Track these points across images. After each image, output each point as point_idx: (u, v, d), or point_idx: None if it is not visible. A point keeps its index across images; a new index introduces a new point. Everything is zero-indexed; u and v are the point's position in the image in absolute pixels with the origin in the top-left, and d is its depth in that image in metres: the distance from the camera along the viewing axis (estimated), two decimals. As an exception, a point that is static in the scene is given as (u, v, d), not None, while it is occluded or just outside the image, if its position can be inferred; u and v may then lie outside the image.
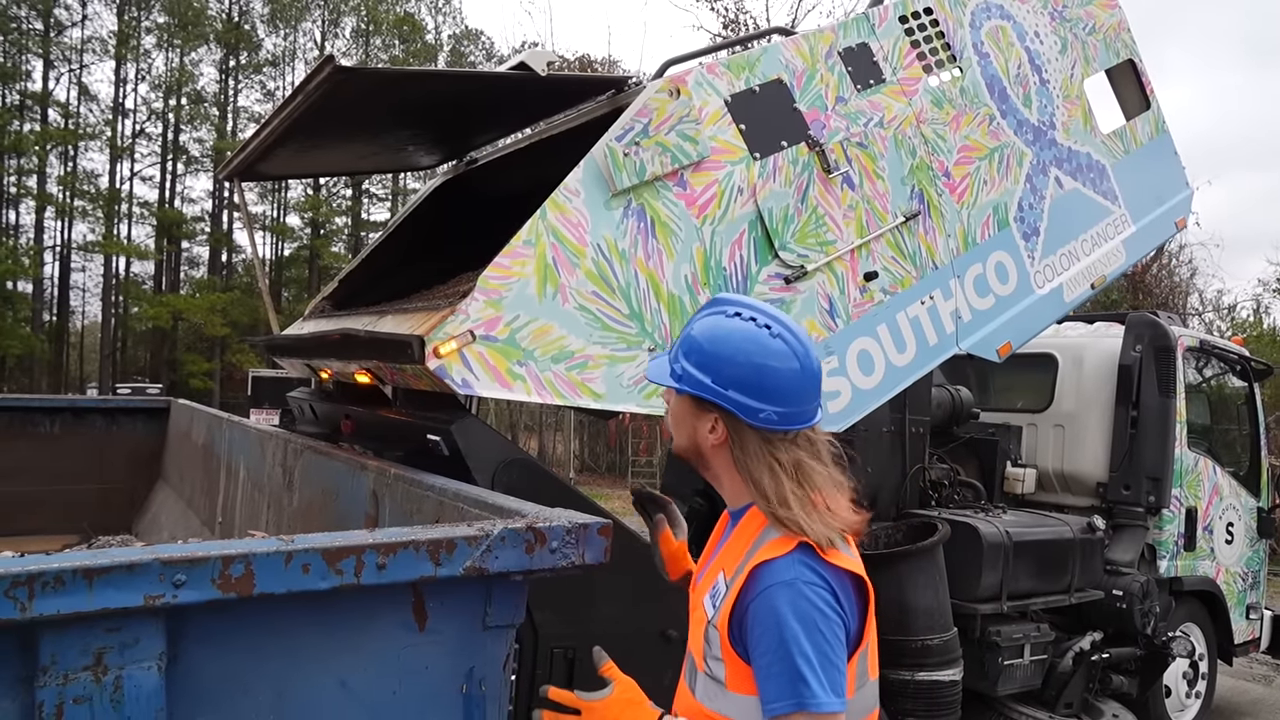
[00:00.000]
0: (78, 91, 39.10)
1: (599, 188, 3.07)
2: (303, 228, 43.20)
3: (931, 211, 4.06)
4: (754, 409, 1.64)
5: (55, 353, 39.07)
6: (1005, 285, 4.36)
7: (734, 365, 1.65)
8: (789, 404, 1.65)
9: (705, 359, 1.68)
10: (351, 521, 2.98)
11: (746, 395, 1.64)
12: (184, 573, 1.46)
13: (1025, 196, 4.47)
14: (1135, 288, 18.38)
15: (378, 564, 1.62)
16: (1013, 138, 4.43)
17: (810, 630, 1.51)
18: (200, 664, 1.56)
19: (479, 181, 4.61)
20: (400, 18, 43.64)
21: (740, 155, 3.43)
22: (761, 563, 1.58)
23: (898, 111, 3.96)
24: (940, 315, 4.07)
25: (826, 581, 1.56)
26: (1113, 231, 4.91)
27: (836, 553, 1.59)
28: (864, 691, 1.68)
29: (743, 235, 3.44)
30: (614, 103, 3.50)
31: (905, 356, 3.94)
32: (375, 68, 3.46)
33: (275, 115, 3.39)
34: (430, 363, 2.66)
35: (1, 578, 1.34)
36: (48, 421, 6.40)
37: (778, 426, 1.65)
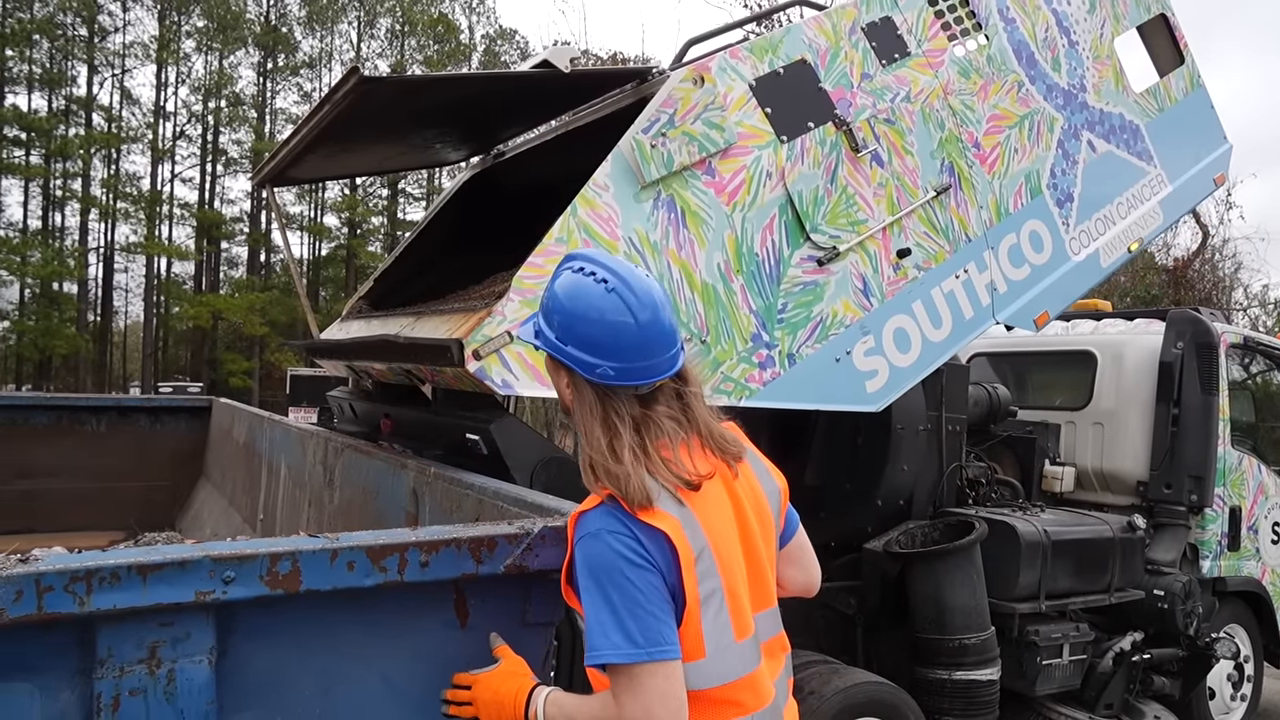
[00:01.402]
0: (120, 96, 39.89)
1: (628, 181, 3.08)
2: (340, 227, 43.71)
3: (962, 184, 4.02)
4: (590, 364, 1.66)
5: (99, 352, 39.87)
6: (1040, 254, 4.31)
7: (572, 321, 1.67)
8: (625, 359, 1.65)
9: (551, 316, 1.72)
10: (392, 520, 3.03)
11: (583, 351, 1.66)
12: (233, 569, 1.50)
13: (1057, 163, 4.41)
14: (1177, 283, 18.05)
15: (421, 562, 1.65)
16: (1042, 103, 4.37)
17: (615, 578, 1.53)
18: (248, 659, 1.59)
19: (506, 174, 4.63)
20: (435, 18, 43.97)
21: (767, 139, 3.41)
22: (577, 514, 1.64)
23: (924, 84, 3.92)
24: (975, 288, 4.04)
25: (631, 532, 1.56)
26: (1149, 193, 4.82)
27: (652, 510, 1.58)
28: (726, 654, 1.64)
29: (773, 219, 3.42)
30: (638, 93, 3.49)
31: (942, 332, 3.91)
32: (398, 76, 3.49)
33: (304, 124, 3.44)
34: (470, 365, 2.69)
35: (60, 573, 1.38)
36: (94, 420, 6.53)
37: (614, 382, 1.66)
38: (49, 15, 36.73)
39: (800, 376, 3.46)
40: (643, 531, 1.57)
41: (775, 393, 3.40)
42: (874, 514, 4.41)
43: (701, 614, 1.60)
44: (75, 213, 39.11)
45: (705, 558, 1.61)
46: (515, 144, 4.50)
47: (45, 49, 37.33)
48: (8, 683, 1.44)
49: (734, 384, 3.29)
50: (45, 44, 37.19)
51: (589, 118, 3.86)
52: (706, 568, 1.61)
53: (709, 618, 1.61)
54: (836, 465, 4.54)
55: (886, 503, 4.41)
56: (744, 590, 1.69)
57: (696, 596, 1.60)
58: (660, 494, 1.60)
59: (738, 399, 3.29)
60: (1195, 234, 18.75)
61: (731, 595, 1.65)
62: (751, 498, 1.78)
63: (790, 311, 3.46)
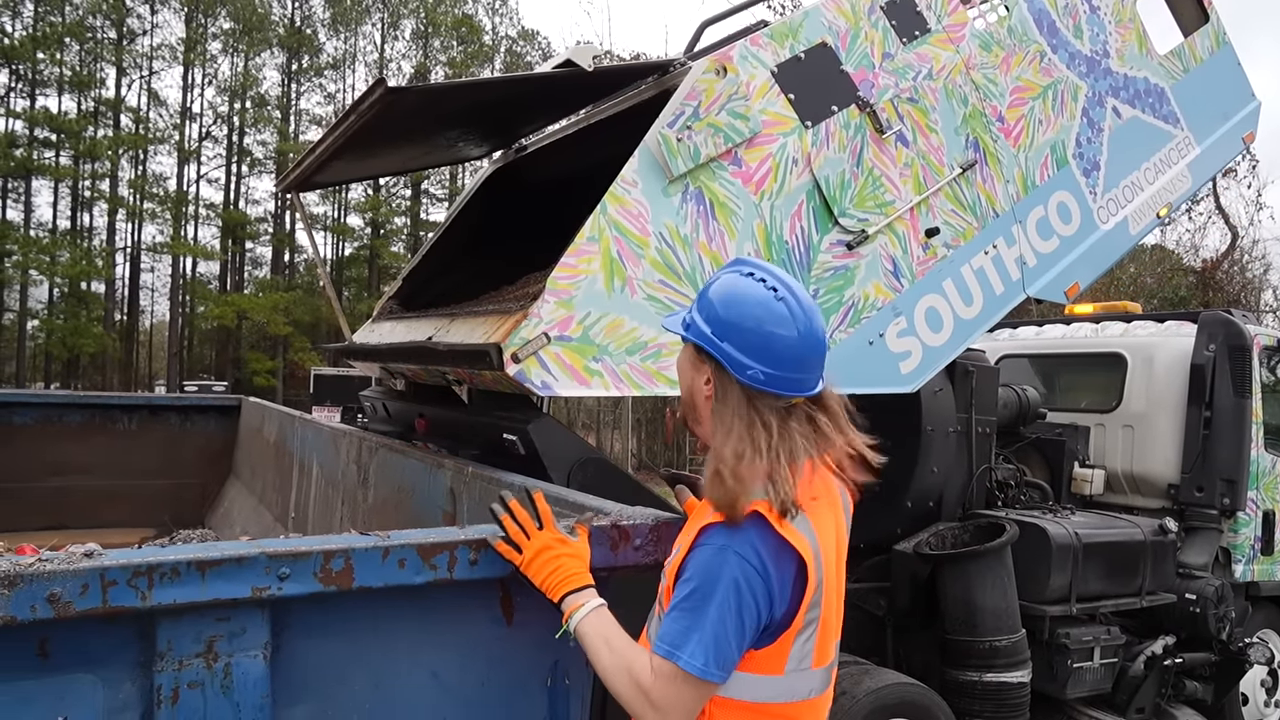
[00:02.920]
0: (148, 97, 40.27)
1: (655, 176, 3.08)
2: (363, 228, 43.94)
3: (988, 159, 4.00)
4: (742, 364, 1.66)
5: (126, 351, 40.30)
6: (1068, 225, 4.28)
7: (734, 320, 1.68)
8: (779, 367, 1.65)
9: (711, 312, 1.71)
10: (428, 519, 3.06)
11: (739, 350, 1.66)
12: (289, 566, 1.53)
13: (1083, 131, 4.37)
14: (1205, 285, 17.85)
15: (470, 560, 1.68)
16: (1065, 72, 4.33)
17: (723, 598, 1.55)
18: (301, 654, 1.63)
19: (528, 168, 4.64)
20: (458, 19, 44.12)
21: (792, 125, 3.40)
22: (713, 522, 1.62)
23: (946, 60, 3.90)
24: (1005, 263, 4.02)
25: (761, 560, 1.57)
26: (1176, 156, 4.77)
27: (788, 525, 1.59)
28: (801, 677, 1.66)
29: (801, 206, 3.42)
30: (660, 85, 3.48)
31: (973, 309, 3.90)
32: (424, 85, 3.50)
33: (329, 133, 3.47)
34: (509, 368, 2.71)
35: (124, 568, 1.42)
36: (126, 418, 6.62)
37: (763, 386, 1.65)
38: (79, 19, 37.18)
39: (835, 362, 3.43)
40: (776, 547, 1.58)
41: None
42: (903, 515, 4.41)
43: (796, 638, 1.64)
44: (103, 213, 39.54)
45: (820, 587, 1.64)
46: (536, 138, 4.50)
47: (75, 52, 37.78)
48: (72, 674, 1.47)
49: None
50: (75, 47, 37.64)
51: (610, 111, 3.86)
52: (818, 597, 1.64)
53: (800, 642, 1.64)
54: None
55: (916, 504, 4.40)
56: (835, 620, 1.72)
57: (801, 623, 1.63)
58: (794, 511, 1.60)
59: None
60: (1224, 235, 18.58)
61: (824, 625, 1.68)
62: (842, 524, 1.80)
63: (822, 297, 3.46)
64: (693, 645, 1.54)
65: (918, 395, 4.40)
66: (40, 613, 1.36)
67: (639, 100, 3.62)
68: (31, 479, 6.11)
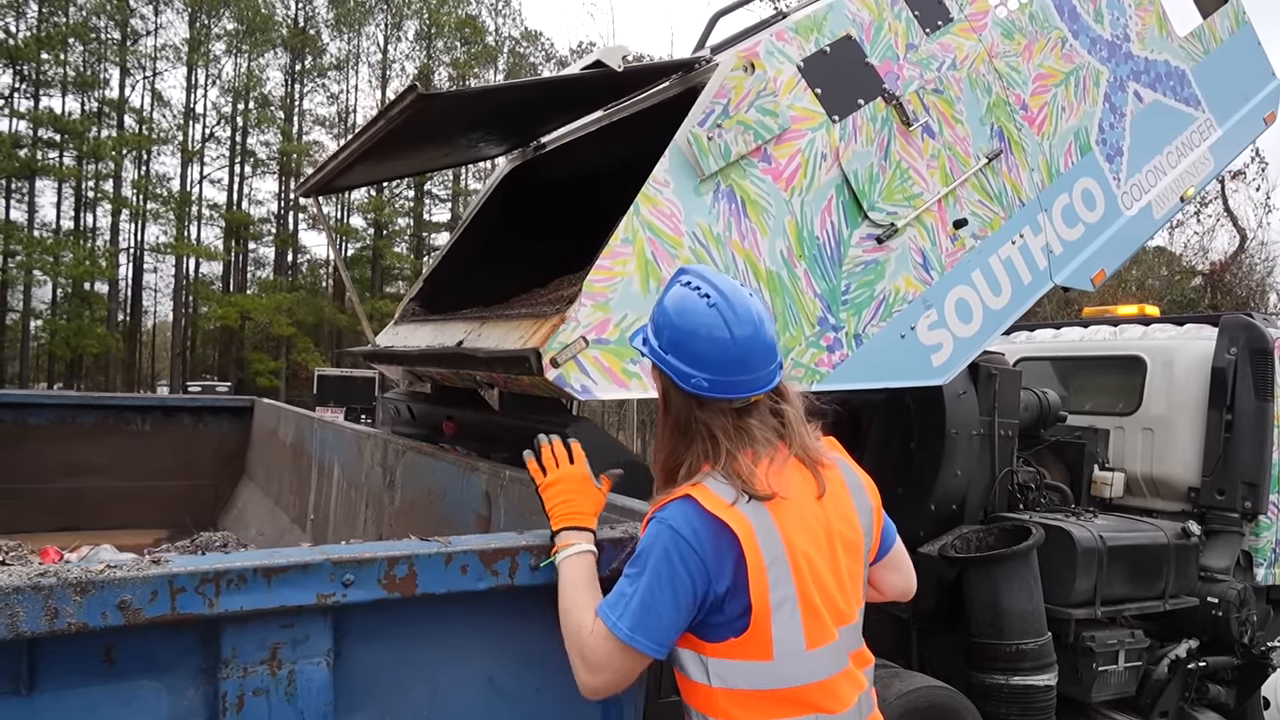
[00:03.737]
0: (151, 98, 40.32)
1: (687, 175, 3.07)
2: (365, 228, 43.97)
3: (1013, 148, 3.99)
4: (686, 374, 1.71)
5: (129, 352, 40.32)
6: (1093, 212, 4.27)
7: (675, 333, 1.74)
8: (721, 372, 1.70)
9: (656, 326, 1.79)
10: (460, 522, 3.05)
11: (683, 361, 1.72)
12: (353, 572, 1.53)
13: (1105, 117, 4.36)
14: (1214, 287, 17.85)
15: (531, 565, 1.67)
16: (1087, 58, 4.32)
17: (654, 567, 1.61)
18: (361, 660, 1.62)
19: (547, 166, 4.63)
20: (462, 20, 44.14)
21: (820, 120, 3.40)
22: (660, 503, 1.69)
23: (969, 50, 3.89)
24: (1032, 252, 4.01)
25: (695, 532, 1.62)
26: (1198, 139, 4.76)
27: (723, 503, 1.64)
28: (795, 659, 1.66)
29: (831, 201, 3.41)
30: (685, 83, 3.45)
31: (1002, 299, 3.90)
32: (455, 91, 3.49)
33: (356, 138, 3.45)
34: (549, 373, 2.69)
35: (192, 574, 1.41)
36: (139, 419, 6.61)
37: (708, 393, 1.71)
38: (83, 19, 37.22)
39: (868, 356, 3.47)
40: (707, 522, 1.63)
41: (845, 375, 3.41)
42: (927, 518, 4.40)
43: (772, 619, 1.63)
44: (106, 213, 39.61)
45: (779, 565, 1.64)
46: (555, 136, 4.48)
47: (79, 52, 37.82)
48: (136, 681, 1.47)
49: (804, 369, 3.29)
50: (79, 47, 37.68)
51: (634, 109, 3.84)
52: (779, 575, 1.64)
53: (780, 623, 1.64)
54: (889, 469, 4.53)
55: (939, 507, 4.39)
56: (821, 601, 1.70)
57: (766, 602, 1.63)
58: (738, 496, 1.65)
59: (809, 384, 3.29)
60: (1233, 237, 18.56)
61: (806, 603, 1.67)
62: (839, 513, 1.79)
63: (854, 292, 3.46)
64: (622, 609, 1.61)
65: (942, 399, 4.40)
66: (111, 619, 1.36)
67: (664, 98, 3.60)
68: (45, 480, 6.11)
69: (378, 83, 44.63)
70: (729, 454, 1.70)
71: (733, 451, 1.70)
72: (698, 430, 1.74)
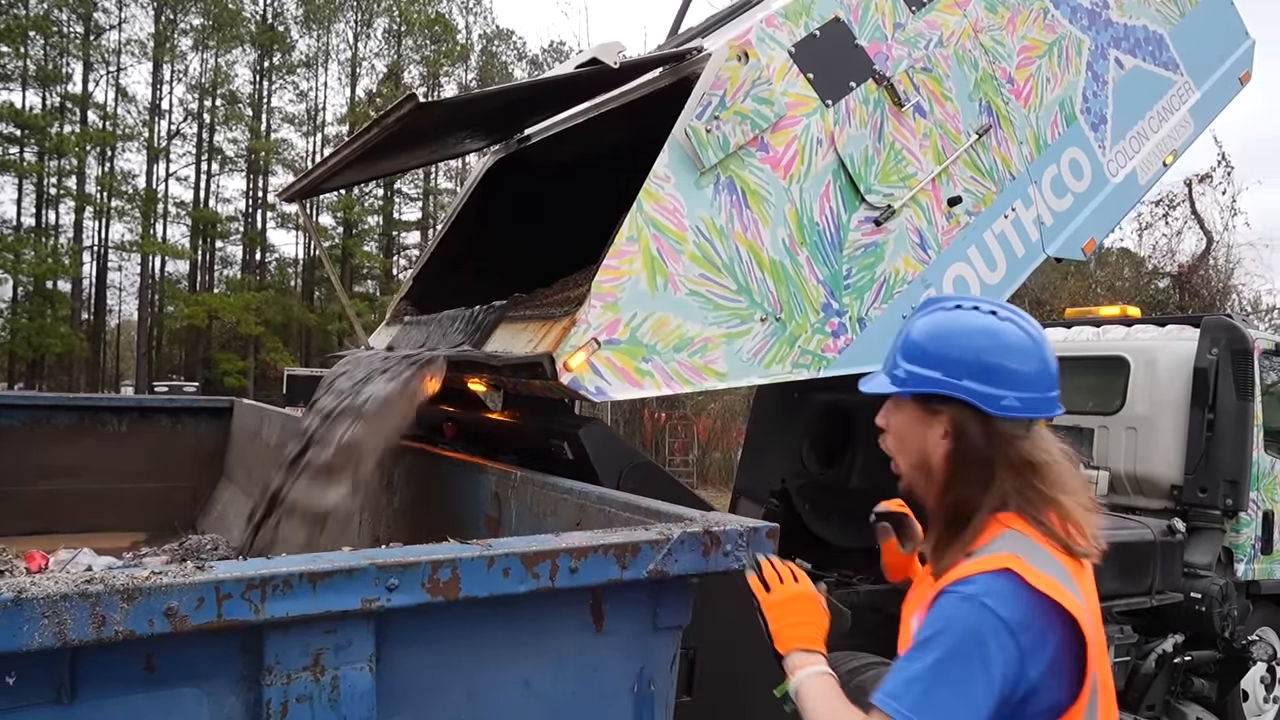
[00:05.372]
0: (116, 93, 39.68)
1: (687, 169, 3.06)
2: (335, 227, 43.58)
3: (1001, 122, 4.02)
4: (993, 396, 1.50)
5: (93, 351, 39.68)
6: (1081, 181, 4.31)
7: (966, 354, 1.54)
8: (1031, 389, 1.52)
9: (930, 355, 1.57)
10: (467, 524, 3.03)
11: (984, 383, 1.51)
12: (397, 577, 1.51)
13: (1088, 85, 4.40)
14: (1181, 289, 18.16)
15: (570, 568, 1.66)
16: (1068, 27, 4.35)
17: (959, 651, 1.38)
18: (401, 665, 1.60)
19: (531, 158, 4.60)
20: (432, 18, 43.88)
21: (813, 105, 3.39)
22: (970, 572, 1.45)
23: (954, 26, 3.91)
24: (1024, 225, 4.05)
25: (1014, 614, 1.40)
26: (1178, 102, 4.81)
27: (1046, 578, 1.42)
28: None
29: (829, 186, 3.42)
30: (677, 74, 3.42)
31: (997, 274, 3.94)
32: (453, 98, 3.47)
33: (347, 145, 3.42)
34: (563, 377, 2.68)
35: (238, 581, 1.39)
36: (115, 420, 6.48)
37: (1021, 414, 1.51)
38: (44, 12, 36.55)
39: (872, 339, 3.49)
40: (1036, 609, 1.41)
41: (850, 359, 3.42)
42: (916, 516, 4.43)
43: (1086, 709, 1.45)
44: (69, 210, 38.97)
45: (1096, 645, 1.47)
46: (540, 128, 4.44)
47: (40, 45, 37.14)
48: (178, 688, 1.44)
49: (811, 356, 3.30)
50: (40, 41, 37.00)
51: (622, 100, 3.81)
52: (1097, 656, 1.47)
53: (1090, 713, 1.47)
54: (882, 468, 4.55)
55: (932, 506, 4.43)
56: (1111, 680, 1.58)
57: (1088, 691, 1.44)
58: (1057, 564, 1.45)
59: (816, 370, 3.31)
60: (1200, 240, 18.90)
61: (1104, 686, 1.51)
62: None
63: (855, 276, 3.47)
64: (915, 697, 1.38)
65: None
66: (158, 627, 1.33)
67: (654, 89, 3.56)
68: (19, 482, 5.97)
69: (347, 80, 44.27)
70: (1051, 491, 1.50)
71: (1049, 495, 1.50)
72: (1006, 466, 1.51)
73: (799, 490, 5.12)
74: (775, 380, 3.23)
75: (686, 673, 2.88)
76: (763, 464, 5.47)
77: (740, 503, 5.57)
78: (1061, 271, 19.96)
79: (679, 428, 21.98)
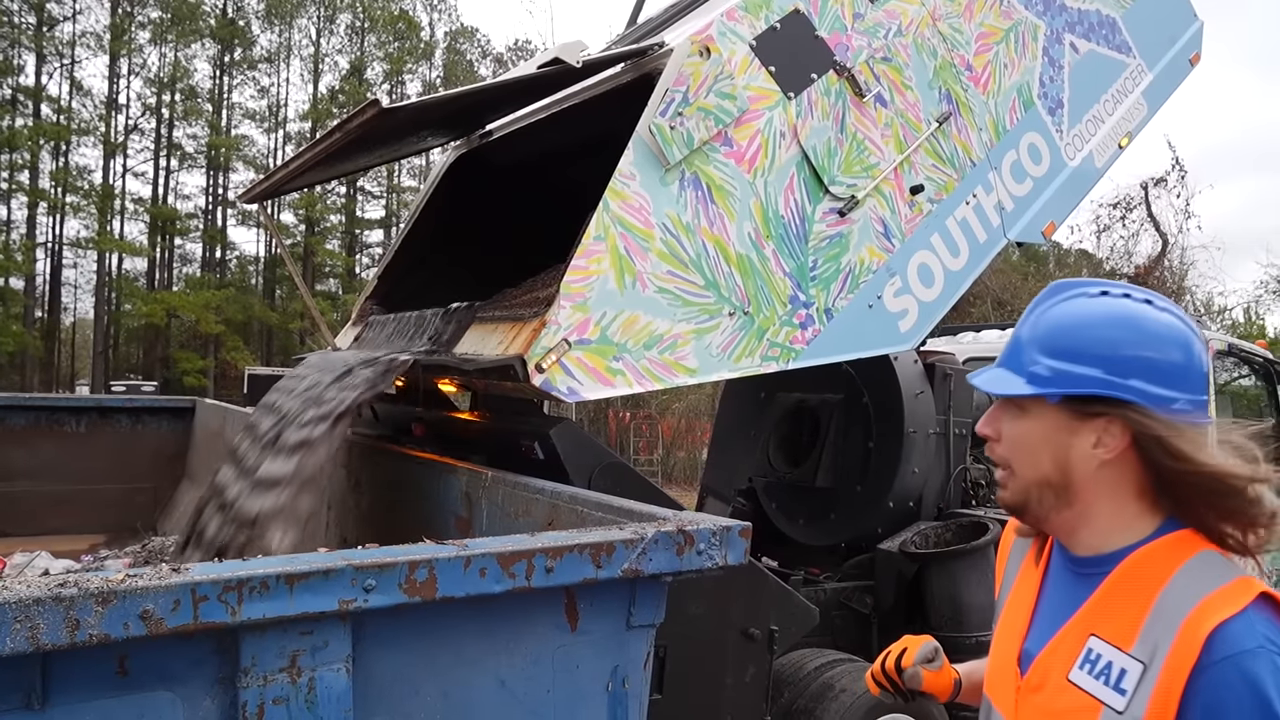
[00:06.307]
0: (70, 86, 38.90)
1: (652, 166, 3.07)
2: (297, 224, 43.09)
3: (961, 109, 4.07)
4: (1165, 398, 1.28)
5: (47, 350, 38.86)
6: (1039, 166, 4.39)
7: (1134, 349, 1.30)
8: (1198, 391, 1.31)
9: (1085, 350, 1.33)
10: (437, 524, 3.03)
11: (1155, 384, 1.29)
12: (374, 577, 1.51)
13: (1045, 70, 4.47)
14: (1138, 289, 18.52)
15: (546, 567, 1.67)
16: (1024, 13, 4.42)
17: None
18: (378, 665, 1.60)
19: (493, 153, 4.60)
20: (395, 15, 43.54)
21: (775, 98, 3.41)
22: (1218, 626, 1.18)
23: (913, 14, 3.95)
24: (985, 211, 4.11)
25: None
26: (1131, 85, 4.90)
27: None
28: None
29: (793, 179, 3.45)
30: (639, 69, 3.41)
31: (960, 260, 3.99)
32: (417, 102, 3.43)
33: (309, 149, 3.39)
34: (535, 379, 2.68)
35: (214, 582, 1.38)
36: (73, 421, 6.38)
37: (1190, 420, 1.29)
38: (-5, 2, 35.78)
39: (839, 329, 3.53)
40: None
41: (818, 349, 3.46)
42: (885, 515, 4.50)
43: None
44: (22, 206, 38.09)
45: None
46: (502, 124, 4.44)
47: (-9, 37, 36.34)
48: (151, 691, 1.43)
49: (780, 348, 3.34)
50: (-9, 32, 36.21)
51: (585, 95, 3.81)
52: None
53: None
54: (848, 468, 4.62)
55: (897, 504, 4.49)
56: None
57: None
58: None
59: (785, 362, 3.34)
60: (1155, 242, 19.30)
61: None
62: None
63: (821, 267, 3.51)
64: None
65: (900, 399, 4.50)
66: (133, 630, 1.32)
67: (616, 85, 3.56)
68: (-28, 485, 5.87)
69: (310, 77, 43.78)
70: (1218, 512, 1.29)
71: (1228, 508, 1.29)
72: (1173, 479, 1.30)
73: (766, 489, 5.18)
74: (745, 374, 3.25)
75: (658, 671, 2.91)
76: (730, 463, 5.51)
77: (707, 502, 5.61)
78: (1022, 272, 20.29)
79: (643, 427, 22.03)
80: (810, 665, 3.74)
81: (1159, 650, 1.22)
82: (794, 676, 3.67)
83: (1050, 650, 1.39)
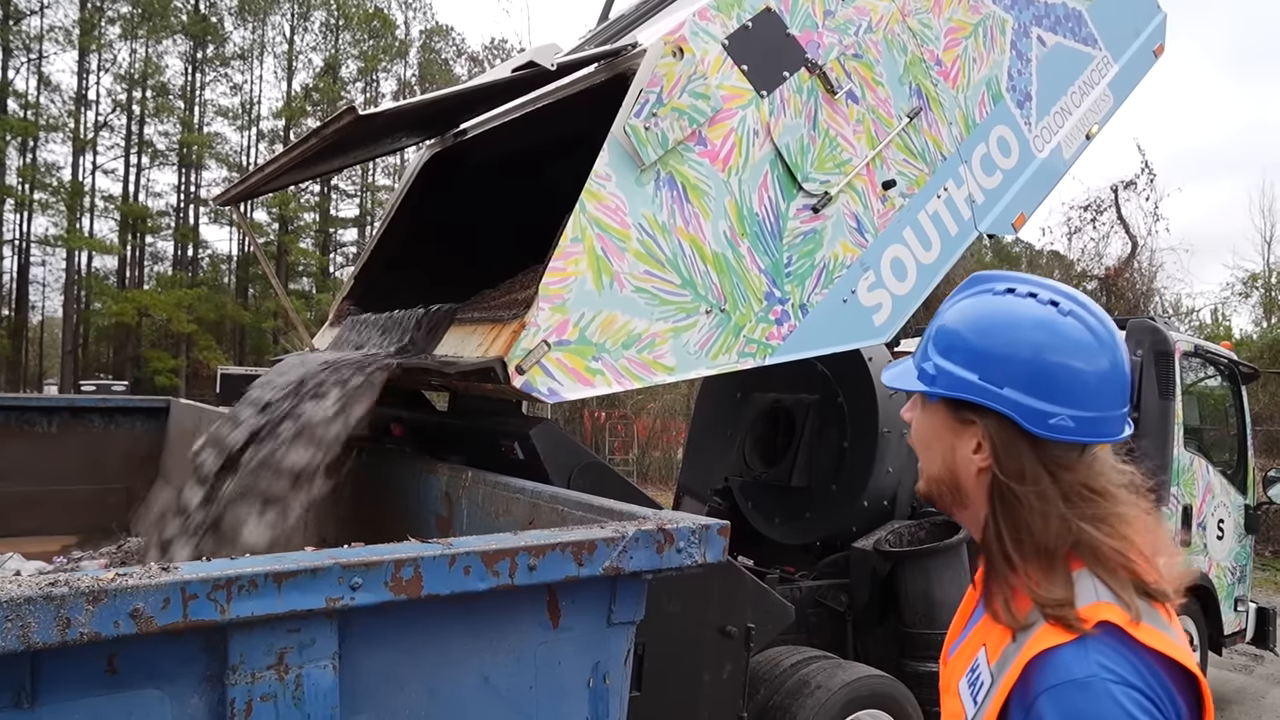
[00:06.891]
0: (38, 81, 38.36)
1: (628, 167, 3.10)
2: (270, 223, 42.73)
3: (931, 104, 4.12)
4: (1042, 413, 1.19)
5: (14, 349, 38.30)
6: (1009, 158, 4.45)
7: (1012, 355, 1.22)
8: (1089, 406, 1.20)
9: (970, 351, 1.26)
10: (417, 524, 3.04)
11: (1030, 395, 1.20)
12: (360, 576, 1.53)
13: (1013, 64, 4.54)
14: (1108, 291, 18.79)
15: (529, 565, 1.70)
16: (992, 7, 4.48)
17: None
18: (364, 663, 1.63)
19: (467, 152, 4.62)
20: (370, 13, 43.28)
21: (748, 97, 3.45)
22: (1042, 651, 1.12)
23: (883, 11, 4.00)
24: (956, 204, 4.17)
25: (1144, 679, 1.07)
26: (1097, 77, 4.98)
27: (1154, 632, 1.11)
28: None
29: (766, 176, 3.48)
30: (612, 69, 3.43)
31: (932, 254, 4.05)
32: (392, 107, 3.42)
33: (285, 153, 3.40)
34: (516, 381, 2.71)
35: (204, 581, 1.41)
36: (45, 421, 6.32)
37: (1073, 437, 1.19)
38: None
39: (814, 324, 3.57)
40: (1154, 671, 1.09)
41: (794, 345, 3.50)
42: (859, 514, 4.56)
43: None
44: (-11, 203, 37.53)
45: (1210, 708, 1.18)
46: (477, 122, 4.46)
47: (-44, 31, 35.77)
48: (140, 689, 1.45)
49: (757, 345, 3.38)
50: (-44, 26, 35.64)
51: (558, 95, 3.83)
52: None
53: None
54: (823, 467, 4.68)
55: (872, 503, 4.56)
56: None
57: None
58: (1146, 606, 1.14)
59: (762, 359, 3.38)
60: (1125, 244, 19.59)
61: None
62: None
63: (796, 264, 3.55)
64: None
65: (875, 399, 4.57)
66: (123, 628, 1.34)
67: (590, 84, 3.58)
68: (-58, 486, 5.81)
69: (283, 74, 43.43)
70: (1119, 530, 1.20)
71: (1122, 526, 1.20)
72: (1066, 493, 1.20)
73: (742, 489, 5.23)
74: (722, 370, 3.29)
75: (636, 668, 2.94)
76: (706, 463, 5.56)
77: (684, 501, 5.65)
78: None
79: (619, 427, 22.03)
80: (786, 662, 3.79)
81: (1004, 668, 1.17)
82: (770, 673, 3.72)
83: (957, 655, 1.37)
